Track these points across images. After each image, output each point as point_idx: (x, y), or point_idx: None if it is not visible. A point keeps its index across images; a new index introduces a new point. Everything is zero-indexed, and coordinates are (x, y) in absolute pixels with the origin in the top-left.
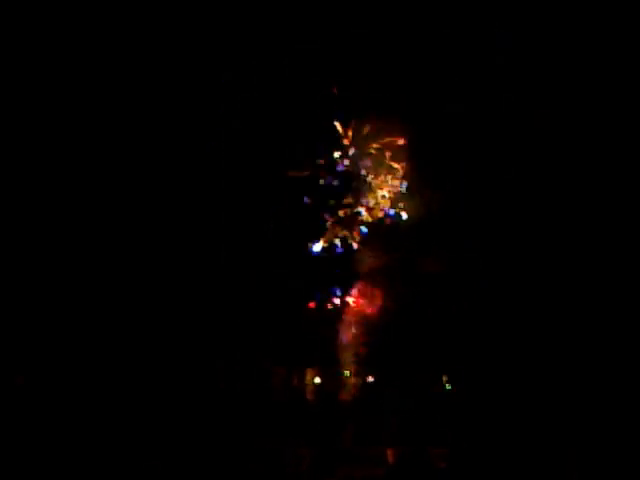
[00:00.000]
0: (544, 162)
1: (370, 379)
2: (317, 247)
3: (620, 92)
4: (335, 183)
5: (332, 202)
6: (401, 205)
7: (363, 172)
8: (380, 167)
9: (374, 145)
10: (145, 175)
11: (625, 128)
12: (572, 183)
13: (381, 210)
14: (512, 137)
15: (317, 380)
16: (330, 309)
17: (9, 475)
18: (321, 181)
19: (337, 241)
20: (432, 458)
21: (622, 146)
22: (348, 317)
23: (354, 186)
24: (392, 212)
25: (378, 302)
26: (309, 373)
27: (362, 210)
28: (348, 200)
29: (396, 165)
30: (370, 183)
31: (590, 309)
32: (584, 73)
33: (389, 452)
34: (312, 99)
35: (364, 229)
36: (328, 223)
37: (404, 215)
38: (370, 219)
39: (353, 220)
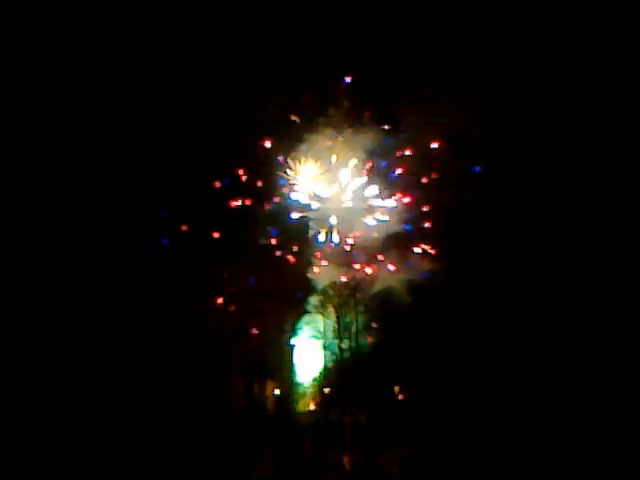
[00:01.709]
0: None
1: (326, 390)
2: None
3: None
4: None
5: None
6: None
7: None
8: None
9: None
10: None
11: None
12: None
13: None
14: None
15: (277, 392)
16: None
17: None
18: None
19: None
20: (385, 463)
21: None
22: (305, 330)
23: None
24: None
25: (333, 314)
26: (269, 385)
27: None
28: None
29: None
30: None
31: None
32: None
33: (345, 459)
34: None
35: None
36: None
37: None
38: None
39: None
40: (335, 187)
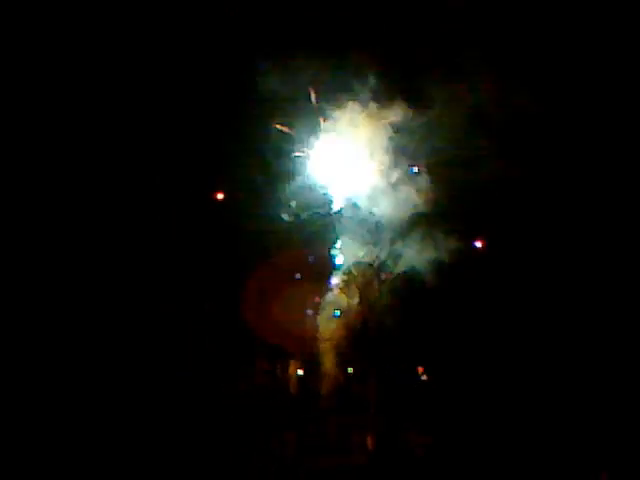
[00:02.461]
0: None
1: (350, 370)
2: None
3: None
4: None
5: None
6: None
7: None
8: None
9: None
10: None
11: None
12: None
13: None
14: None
15: (300, 372)
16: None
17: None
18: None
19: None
20: (410, 445)
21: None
22: (329, 310)
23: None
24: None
25: (358, 296)
26: (292, 365)
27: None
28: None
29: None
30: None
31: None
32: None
33: (369, 440)
34: None
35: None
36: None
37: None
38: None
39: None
40: (358, 163)
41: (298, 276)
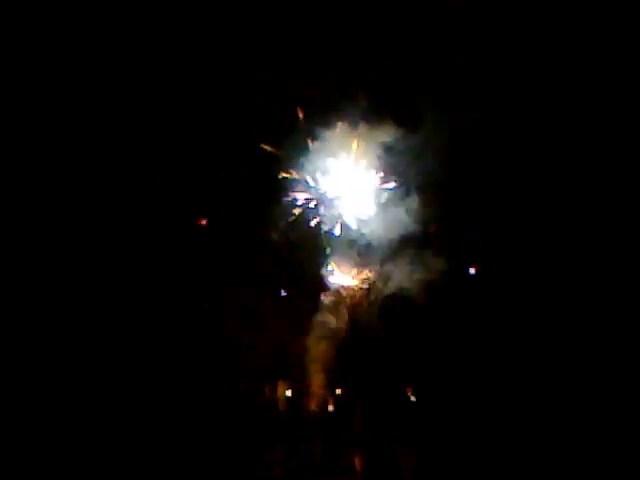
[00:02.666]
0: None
1: (338, 391)
2: None
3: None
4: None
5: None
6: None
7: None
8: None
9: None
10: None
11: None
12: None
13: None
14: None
15: (288, 393)
16: (300, 323)
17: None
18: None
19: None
20: (398, 467)
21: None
22: (317, 331)
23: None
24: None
25: (346, 315)
26: (280, 386)
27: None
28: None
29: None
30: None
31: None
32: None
33: (357, 461)
34: None
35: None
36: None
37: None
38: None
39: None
40: (348, 184)
41: (284, 293)
